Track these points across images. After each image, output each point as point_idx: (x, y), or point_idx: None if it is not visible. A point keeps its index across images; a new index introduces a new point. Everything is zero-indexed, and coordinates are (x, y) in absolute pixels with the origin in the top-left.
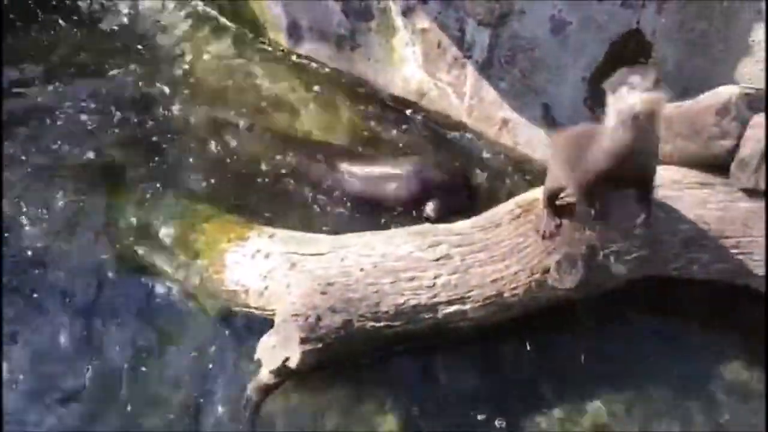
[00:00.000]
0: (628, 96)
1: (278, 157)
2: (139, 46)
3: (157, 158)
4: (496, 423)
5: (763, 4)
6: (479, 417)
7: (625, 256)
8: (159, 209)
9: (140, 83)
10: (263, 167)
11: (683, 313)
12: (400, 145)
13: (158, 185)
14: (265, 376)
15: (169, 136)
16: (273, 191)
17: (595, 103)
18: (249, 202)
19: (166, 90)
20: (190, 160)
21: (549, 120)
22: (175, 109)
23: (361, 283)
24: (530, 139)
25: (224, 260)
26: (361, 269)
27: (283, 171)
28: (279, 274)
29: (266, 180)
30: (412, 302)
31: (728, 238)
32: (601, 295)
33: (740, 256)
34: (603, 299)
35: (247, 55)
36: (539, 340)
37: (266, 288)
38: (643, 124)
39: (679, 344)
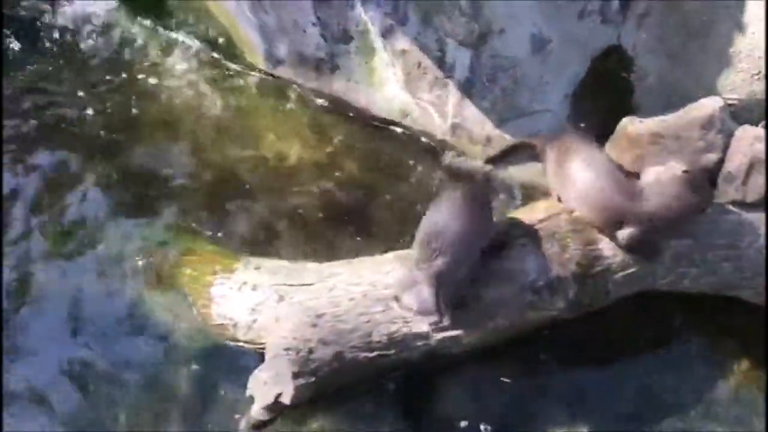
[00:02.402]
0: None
1: (271, 184)
2: (122, 77)
3: (141, 189)
4: None
5: (743, 17)
6: None
7: (616, 273)
8: (144, 241)
9: (123, 115)
10: (253, 196)
11: (675, 325)
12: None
13: (142, 217)
14: (257, 412)
15: (153, 167)
16: (263, 220)
17: (579, 119)
18: (236, 233)
19: (148, 121)
20: (176, 190)
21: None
22: (158, 139)
23: (351, 313)
24: None
25: (210, 294)
26: (351, 298)
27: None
28: (267, 307)
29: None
30: (404, 330)
31: (717, 251)
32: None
33: (729, 269)
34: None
35: (227, 81)
36: (537, 359)
37: (255, 321)
38: None
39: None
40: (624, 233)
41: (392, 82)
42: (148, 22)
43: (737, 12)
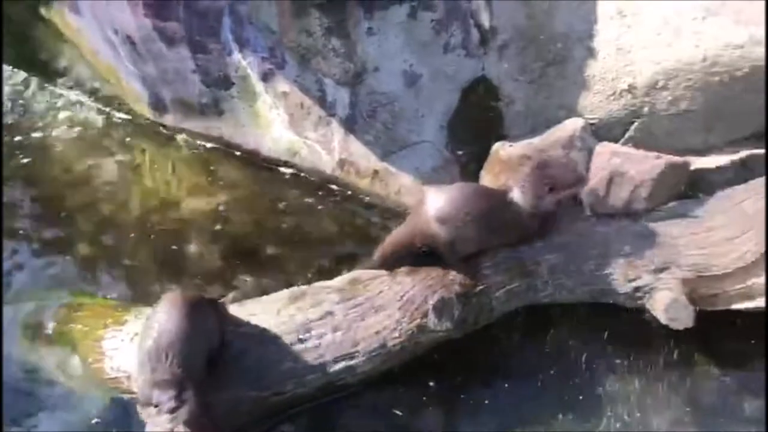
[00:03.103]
0: (159, 417)
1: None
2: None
3: (30, 247)
4: None
5: (594, 44)
6: None
7: (498, 290)
8: (33, 300)
9: (11, 173)
10: (145, 245)
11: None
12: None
13: (32, 276)
14: None
15: (42, 223)
16: (155, 269)
17: (456, 148)
18: (127, 283)
19: (38, 178)
20: (65, 246)
21: None
22: (47, 195)
23: (243, 355)
24: (400, 188)
25: (102, 348)
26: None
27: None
28: None
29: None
30: (298, 366)
31: (588, 262)
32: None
33: (602, 278)
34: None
35: (115, 131)
36: (428, 380)
37: None
38: None
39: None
40: None
41: (278, 123)
42: (34, 80)
43: (588, 40)
